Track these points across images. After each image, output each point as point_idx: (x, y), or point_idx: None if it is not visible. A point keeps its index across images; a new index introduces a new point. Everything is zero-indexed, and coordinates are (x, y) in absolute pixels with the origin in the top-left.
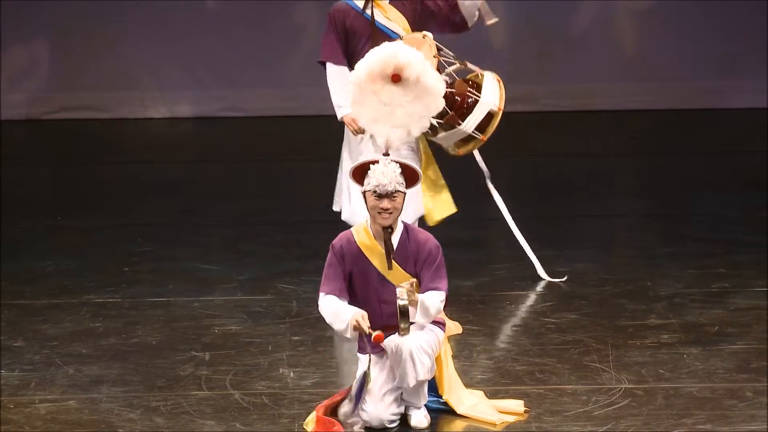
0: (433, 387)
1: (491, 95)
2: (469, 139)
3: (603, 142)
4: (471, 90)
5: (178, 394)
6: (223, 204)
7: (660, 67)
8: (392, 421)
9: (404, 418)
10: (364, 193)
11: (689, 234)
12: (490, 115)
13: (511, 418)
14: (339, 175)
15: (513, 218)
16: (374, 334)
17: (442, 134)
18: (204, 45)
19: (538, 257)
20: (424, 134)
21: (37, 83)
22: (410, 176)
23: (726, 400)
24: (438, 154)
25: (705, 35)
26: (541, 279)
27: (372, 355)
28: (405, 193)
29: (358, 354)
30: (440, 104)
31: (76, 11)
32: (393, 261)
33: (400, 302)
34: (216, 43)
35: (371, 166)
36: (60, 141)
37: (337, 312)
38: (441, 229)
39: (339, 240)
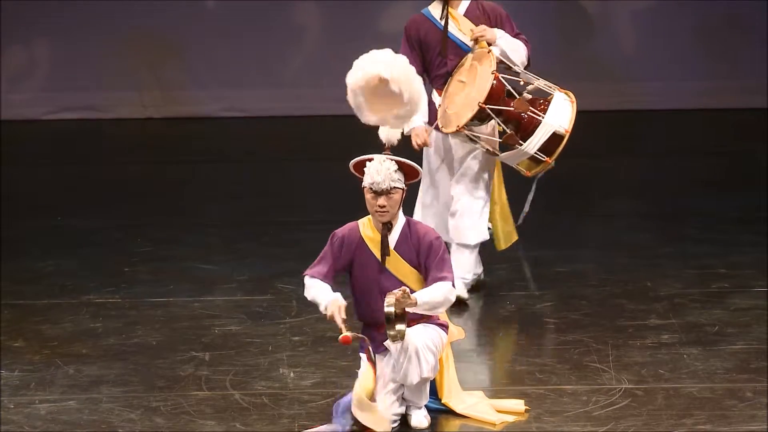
0: (433, 390)
1: (558, 116)
2: (535, 160)
3: (603, 142)
4: (533, 110)
5: (178, 394)
6: (223, 204)
7: (660, 67)
8: (393, 421)
9: (404, 418)
10: (362, 188)
11: (689, 234)
12: (557, 137)
13: (511, 418)
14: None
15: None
16: (342, 335)
17: (505, 154)
18: (204, 45)
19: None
20: (490, 153)
21: (37, 83)
22: (410, 172)
23: (726, 400)
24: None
25: (705, 35)
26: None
27: (376, 354)
28: (403, 189)
29: (361, 354)
30: (414, 110)
31: (76, 11)
32: (396, 253)
33: (386, 309)
34: (216, 43)
35: (367, 163)
36: (60, 141)
37: (316, 296)
38: None
39: (342, 229)
